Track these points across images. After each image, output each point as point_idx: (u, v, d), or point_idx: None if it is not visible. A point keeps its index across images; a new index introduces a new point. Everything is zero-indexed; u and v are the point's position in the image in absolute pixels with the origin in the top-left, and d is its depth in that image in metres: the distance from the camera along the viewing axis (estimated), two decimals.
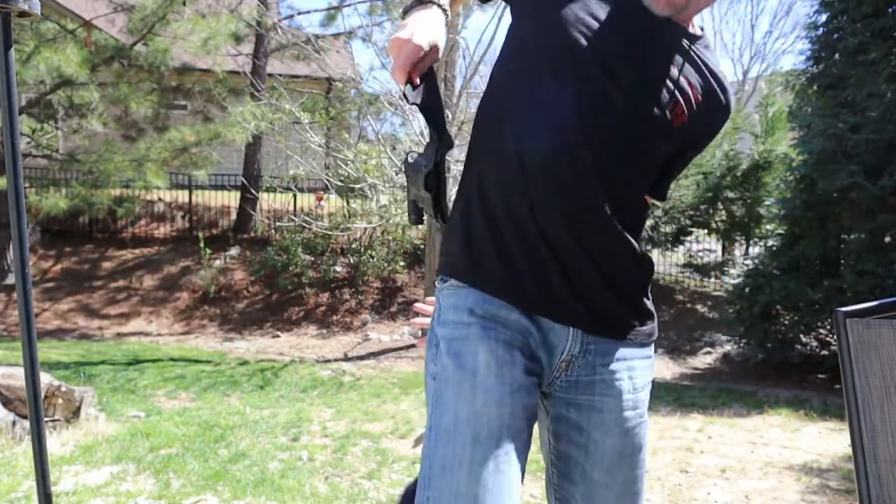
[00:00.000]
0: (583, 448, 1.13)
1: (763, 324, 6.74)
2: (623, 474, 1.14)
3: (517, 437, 1.02)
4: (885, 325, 1.17)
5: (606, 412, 1.13)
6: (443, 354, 1.08)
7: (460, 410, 1.01)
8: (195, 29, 8.83)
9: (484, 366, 1.03)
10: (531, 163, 1.07)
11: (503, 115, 1.12)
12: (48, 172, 10.16)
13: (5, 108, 1.29)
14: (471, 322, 1.08)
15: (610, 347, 1.14)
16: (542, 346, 1.10)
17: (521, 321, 1.08)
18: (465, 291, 1.11)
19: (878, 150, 5.85)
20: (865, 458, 1.13)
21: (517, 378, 1.04)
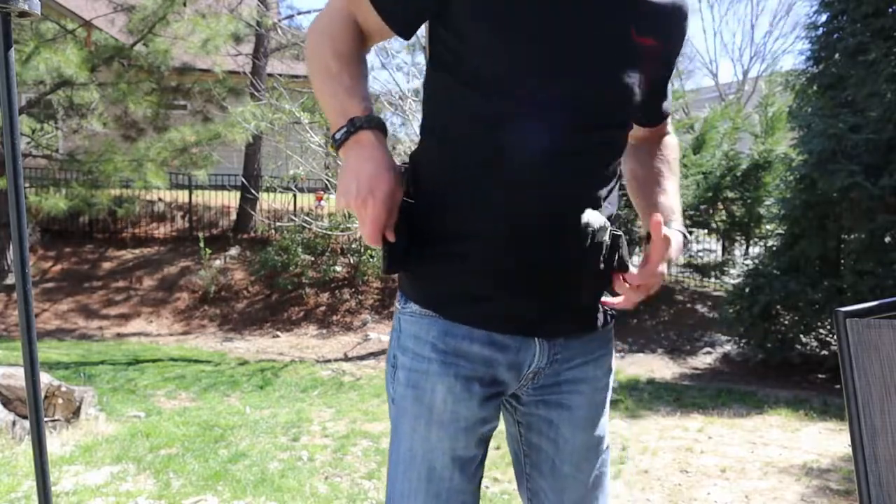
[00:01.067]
0: (553, 442, 1.14)
1: (763, 324, 6.74)
2: (590, 466, 1.16)
3: (469, 466, 1.09)
4: (885, 325, 1.17)
5: (575, 409, 1.14)
6: (401, 383, 1.10)
7: (416, 443, 1.07)
8: (195, 29, 8.83)
9: (441, 402, 1.06)
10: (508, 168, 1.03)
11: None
12: (48, 172, 10.17)
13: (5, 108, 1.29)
14: (431, 358, 1.07)
15: (576, 347, 1.13)
16: (509, 368, 1.09)
17: (483, 352, 1.07)
18: (428, 322, 1.08)
19: (878, 150, 5.85)
20: (865, 459, 1.13)
21: (473, 412, 1.07)
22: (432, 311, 1.08)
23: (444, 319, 1.07)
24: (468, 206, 1.04)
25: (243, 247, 11.10)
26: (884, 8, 5.98)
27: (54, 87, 8.86)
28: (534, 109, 1.01)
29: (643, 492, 3.16)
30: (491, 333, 1.07)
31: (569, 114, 1.02)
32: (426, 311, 1.09)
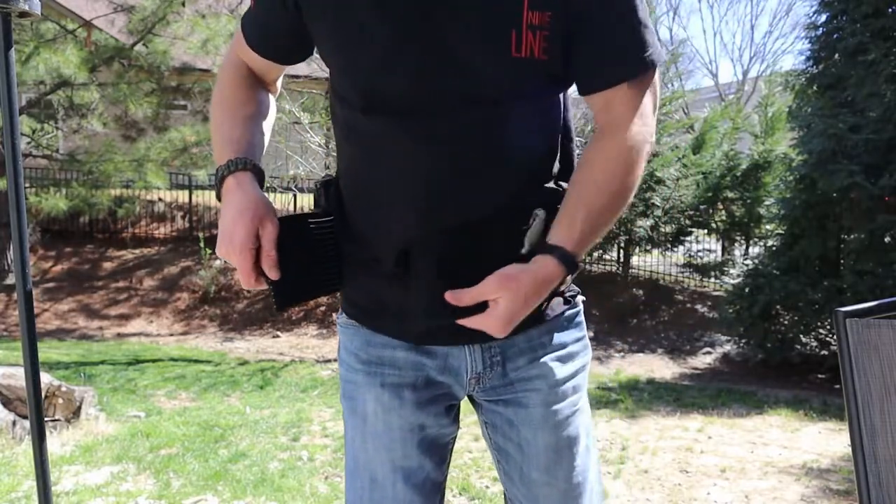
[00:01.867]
0: (517, 446, 1.08)
1: (763, 324, 6.74)
2: (563, 470, 1.07)
3: (416, 475, 1.04)
4: (885, 325, 1.17)
5: (532, 407, 1.05)
6: (341, 394, 1.11)
7: (357, 454, 1.07)
8: (195, 29, 8.83)
9: (372, 413, 1.05)
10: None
11: (346, 134, 1.02)
12: (48, 172, 10.18)
13: (5, 108, 1.30)
14: (358, 369, 1.06)
15: (521, 343, 1.05)
16: (443, 371, 1.05)
17: (409, 357, 1.03)
18: (352, 332, 1.08)
19: (878, 150, 5.85)
20: (865, 458, 1.13)
21: (406, 420, 1.04)
22: (353, 320, 1.08)
23: (365, 329, 1.06)
24: (366, 216, 1.02)
25: None
26: (884, 8, 5.99)
27: (54, 87, 8.86)
28: (373, 109, 0.94)
29: (643, 492, 3.17)
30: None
31: (411, 107, 0.92)
32: (350, 321, 1.08)
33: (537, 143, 1.00)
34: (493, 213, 0.97)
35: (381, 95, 0.93)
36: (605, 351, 7.97)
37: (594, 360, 7.70)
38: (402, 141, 0.94)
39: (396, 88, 0.92)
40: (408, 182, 0.95)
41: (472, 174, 0.95)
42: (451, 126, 0.93)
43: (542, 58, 0.89)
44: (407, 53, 0.90)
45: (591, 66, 0.93)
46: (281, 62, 1.09)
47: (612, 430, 4.18)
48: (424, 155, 0.93)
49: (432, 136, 0.93)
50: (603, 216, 0.95)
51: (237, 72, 1.10)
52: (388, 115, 0.93)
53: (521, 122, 0.96)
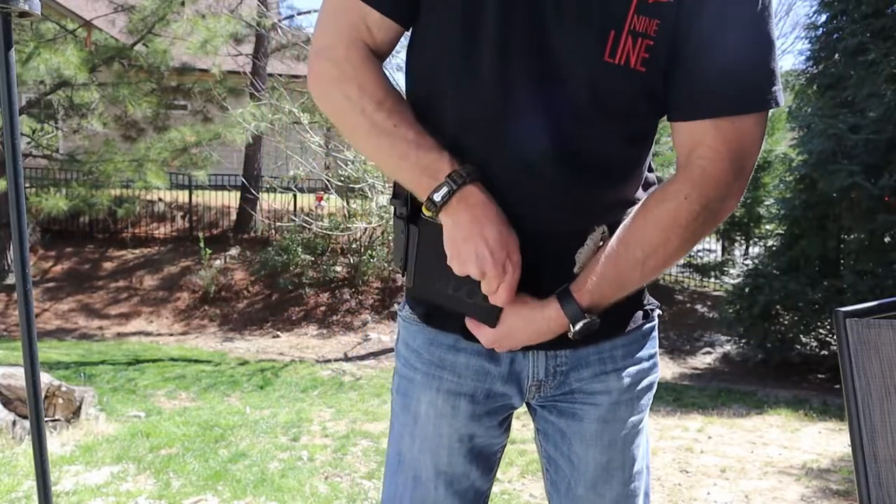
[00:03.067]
0: (567, 459, 1.04)
1: (763, 324, 6.74)
2: (613, 491, 1.03)
3: (459, 482, 1.03)
4: (885, 325, 1.17)
5: (587, 421, 1.02)
6: (394, 388, 1.08)
7: (403, 450, 1.05)
8: (195, 29, 8.83)
9: (423, 415, 1.02)
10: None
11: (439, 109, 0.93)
12: (48, 172, 10.17)
13: (5, 108, 1.29)
14: (417, 367, 1.03)
15: (589, 355, 1.01)
16: (506, 379, 1.00)
17: (471, 362, 0.99)
18: (416, 329, 1.03)
19: (878, 150, 5.86)
20: (865, 458, 1.13)
21: (456, 430, 1.01)
22: (417, 316, 1.03)
23: (430, 327, 1.01)
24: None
25: (243, 247, 11.10)
26: (883, 8, 5.99)
27: (54, 88, 8.86)
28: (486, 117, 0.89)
29: None
30: (478, 343, 0.97)
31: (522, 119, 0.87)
32: (413, 316, 1.04)
33: (619, 166, 0.94)
34: (568, 223, 0.92)
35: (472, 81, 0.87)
36: None
37: None
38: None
39: (486, 75, 0.86)
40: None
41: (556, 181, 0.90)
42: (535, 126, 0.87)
43: (639, 69, 0.82)
44: (506, 40, 0.84)
45: (689, 90, 0.84)
46: (403, 21, 0.93)
47: None
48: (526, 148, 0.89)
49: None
50: (635, 280, 0.92)
51: (368, 60, 0.92)
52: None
53: (608, 136, 0.89)
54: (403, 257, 0.97)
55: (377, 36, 0.92)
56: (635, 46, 0.81)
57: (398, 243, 0.99)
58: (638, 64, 0.82)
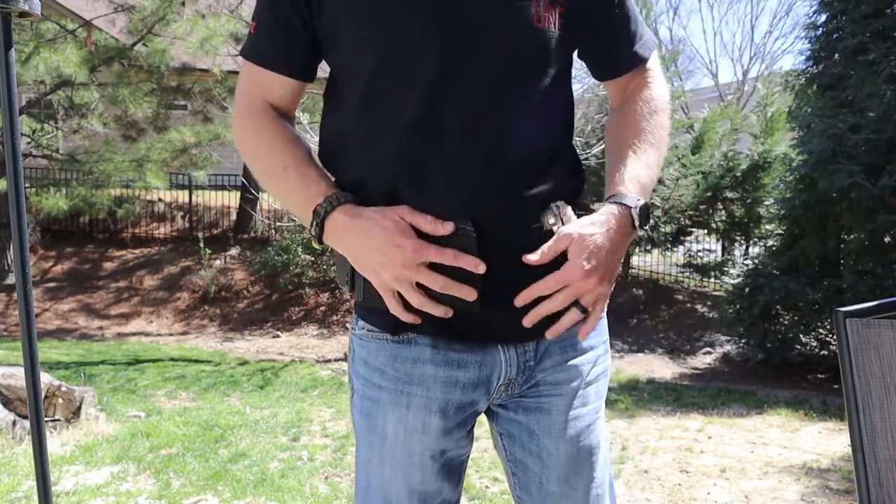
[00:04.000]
0: (536, 457, 1.04)
1: (763, 324, 6.74)
2: (583, 480, 1.04)
3: (430, 499, 1.01)
4: (885, 325, 1.17)
5: (554, 413, 1.02)
6: (356, 409, 1.04)
7: (371, 475, 1.02)
8: (195, 29, 8.83)
9: (392, 435, 0.99)
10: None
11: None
12: (48, 172, 10.17)
13: (5, 108, 1.30)
14: (382, 385, 0.99)
15: (551, 345, 1.01)
16: (474, 386, 0.99)
17: (438, 373, 0.97)
18: (376, 346, 1.00)
19: (878, 150, 5.85)
20: (865, 458, 1.13)
21: (428, 445, 0.99)
22: (380, 328, 0.99)
23: (391, 343, 0.98)
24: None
25: (243, 247, 11.10)
26: (883, 8, 5.99)
27: (54, 87, 8.86)
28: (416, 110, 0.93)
29: (643, 492, 3.17)
30: (446, 351, 0.97)
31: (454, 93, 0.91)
32: (375, 333, 1.00)
33: (558, 125, 1.02)
34: (524, 194, 0.95)
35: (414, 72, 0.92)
36: None
37: None
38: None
39: (427, 65, 0.91)
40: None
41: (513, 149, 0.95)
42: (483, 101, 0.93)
43: (558, 32, 0.95)
44: (433, 35, 0.91)
45: (612, 52, 1.06)
46: (303, 77, 1.02)
47: (611, 430, 4.18)
48: (478, 119, 0.93)
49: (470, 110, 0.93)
50: (649, 148, 1.01)
51: (262, 113, 1.03)
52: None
53: (543, 97, 0.97)
54: (350, 272, 0.96)
55: (276, 91, 1.03)
56: (552, 14, 0.95)
57: (342, 260, 0.97)
58: (557, 28, 0.95)
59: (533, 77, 0.95)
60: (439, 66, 0.90)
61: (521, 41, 0.93)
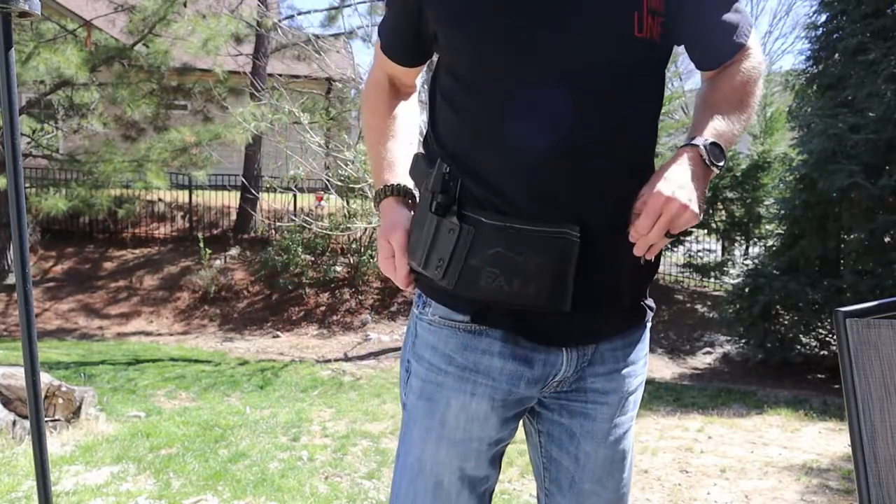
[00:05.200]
0: (573, 458, 1.08)
1: (763, 324, 6.74)
2: (614, 480, 1.10)
3: (479, 485, 1.06)
4: (885, 325, 1.17)
5: (599, 421, 1.07)
6: (414, 392, 1.07)
7: (426, 455, 1.04)
8: (195, 29, 8.83)
9: (454, 419, 1.03)
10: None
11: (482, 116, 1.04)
12: (48, 172, 10.17)
13: (5, 108, 1.30)
14: (448, 371, 1.03)
15: (606, 352, 1.07)
16: (537, 381, 1.04)
17: (506, 366, 1.02)
18: (447, 333, 1.03)
19: (878, 150, 5.86)
20: (865, 458, 1.13)
21: (487, 433, 1.04)
22: (460, 317, 1.03)
23: (463, 332, 1.02)
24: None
25: (243, 247, 11.10)
26: (883, 8, 5.99)
27: (54, 88, 8.86)
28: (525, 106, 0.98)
29: (643, 492, 3.17)
30: (514, 347, 1.01)
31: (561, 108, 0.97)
32: (446, 320, 1.04)
33: (649, 133, 1.07)
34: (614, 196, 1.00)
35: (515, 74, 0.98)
36: None
37: None
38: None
39: (528, 66, 0.97)
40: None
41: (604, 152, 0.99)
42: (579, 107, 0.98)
43: (658, 41, 0.98)
44: (538, 38, 0.96)
45: (709, 45, 1.04)
46: (414, 64, 1.17)
47: None
48: (585, 127, 0.98)
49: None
50: (735, 107, 1.01)
51: (378, 91, 1.20)
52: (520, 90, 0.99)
53: (642, 105, 1.03)
54: (448, 257, 0.98)
55: (394, 71, 1.19)
56: (654, 22, 0.97)
57: (440, 241, 0.99)
58: (657, 37, 0.98)
59: (634, 86, 0.99)
60: (533, 79, 0.96)
61: (623, 51, 0.97)
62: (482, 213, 0.97)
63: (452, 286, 0.99)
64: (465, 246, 0.97)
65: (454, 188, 0.99)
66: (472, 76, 1.01)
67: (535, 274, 0.95)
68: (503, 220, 0.96)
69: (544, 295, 0.95)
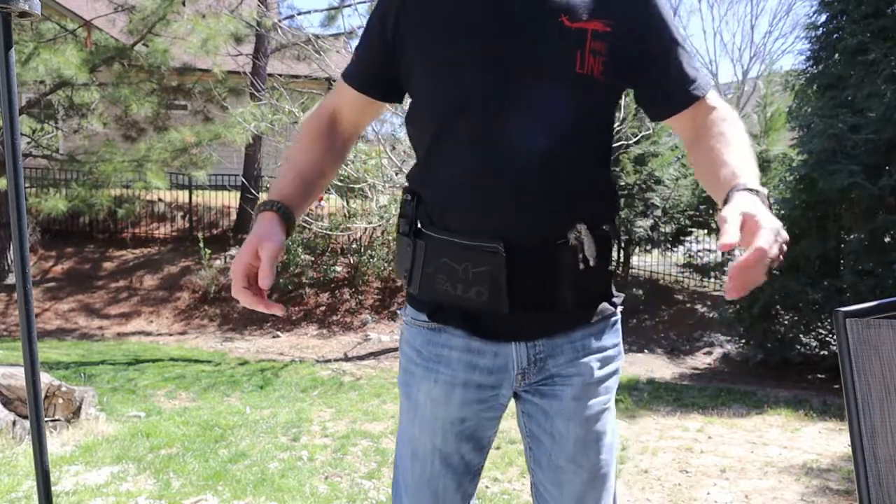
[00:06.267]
0: (549, 434, 1.21)
1: (763, 324, 6.74)
2: (589, 461, 1.21)
3: (451, 458, 1.23)
4: (885, 325, 1.17)
5: (565, 400, 1.19)
6: (399, 379, 1.28)
7: (405, 430, 1.26)
8: (195, 29, 8.83)
9: (423, 403, 1.22)
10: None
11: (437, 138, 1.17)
12: (48, 173, 10.17)
13: (5, 108, 1.30)
14: (417, 363, 1.22)
15: (563, 344, 1.19)
16: (491, 371, 1.19)
17: (462, 357, 1.18)
18: (416, 330, 1.23)
19: (878, 150, 5.85)
20: (865, 458, 1.13)
21: (450, 413, 1.20)
22: (416, 315, 1.22)
23: (427, 329, 1.21)
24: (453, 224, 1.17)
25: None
26: (883, 8, 5.99)
27: (54, 88, 8.86)
28: (475, 135, 1.12)
29: (643, 492, 3.17)
30: (468, 341, 1.18)
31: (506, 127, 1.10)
32: (415, 320, 1.23)
33: (591, 161, 1.18)
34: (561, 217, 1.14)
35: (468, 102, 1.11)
36: None
37: None
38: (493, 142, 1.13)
39: (477, 99, 1.11)
40: (503, 179, 1.12)
41: (552, 170, 1.12)
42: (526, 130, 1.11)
43: (599, 78, 1.10)
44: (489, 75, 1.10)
45: (667, 88, 1.16)
46: (380, 96, 1.24)
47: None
48: (516, 154, 1.12)
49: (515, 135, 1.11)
50: (742, 150, 1.08)
51: (317, 124, 1.28)
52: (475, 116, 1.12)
53: (580, 138, 1.14)
54: (410, 268, 1.20)
55: (348, 111, 1.27)
56: (595, 61, 1.09)
57: (403, 255, 1.21)
58: (598, 75, 1.10)
59: (573, 120, 1.12)
60: (482, 110, 1.10)
61: (564, 87, 1.09)
62: (433, 229, 1.16)
63: (417, 291, 1.20)
64: (420, 257, 1.17)
65: (412, 213, 1.19)
66: (422, 113, 1.18)
67: (473, 281, 1.13)
68: (448, 236, 1.14)
69: (484, 299, 1.13)
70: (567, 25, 1.08)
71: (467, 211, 1.14)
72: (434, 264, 1.15)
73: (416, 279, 1.19)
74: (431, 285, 1.17)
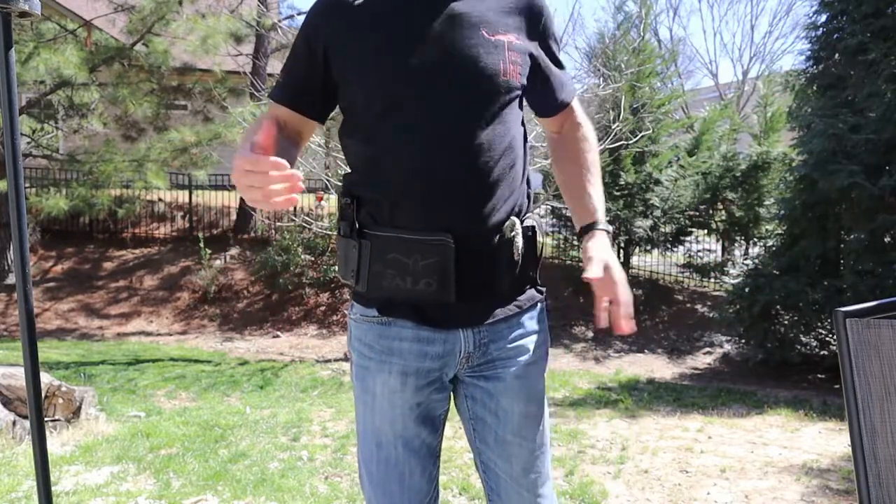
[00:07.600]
0: (493, 413, 1.32)
1: (763, 324, 6.74)
2: (533, 433, 1.33)
3: (411, 441, 1.30)
4: (885, 325, 1.17)
5: (509, 380, 1.31)
6: (353, 376, 1.35)
7: (366, 423, 1.33)
8: (195, 29, 8.83)
9: (380, 394, 1.29)
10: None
11: (370, 138, 1.25)
12: (48, 173, 10.16)
13: (5, 108, 1.30)
14: (371, 357, 1.30)
15: (502, 329, 1.30)
16: (439, 357, 1.28)
17: (412, 347, 1.27)
18: (366, 327, 1.30)
19: (878, 150, 5.85)
20: (865, 458, 1.13)
21: (407, 400, 1.29)
22: (366, 313, 1.29)
23: (377, 324, 1.28)
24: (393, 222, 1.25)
25: (243, 247, 11.10)
26: (884, 8, 5.99)
27: (54, 88, 8.86)
28: (399, 134, 1.21)
29: (643, 492, 3.17)
30: (418, 331, 1.26)
31: (429, 128, 1.20)
32: (365, 316, 1.30)
33: (516, 156, 1.29)
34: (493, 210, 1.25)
35: (400, 108, 1.21)
36: (605, 351, 7.97)
37: (594, 360, 7.70)
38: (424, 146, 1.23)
39: (412, 105, 1.20)
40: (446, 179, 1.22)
41: (482, 173, 1.24)
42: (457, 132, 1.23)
43: (518, 82, 1.26)
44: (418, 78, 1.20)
45: (552, 94, 1.38)
46: (308, 114, 1.31)
47: (612, 430, 4.18)
48: (456, 154, 1.23)
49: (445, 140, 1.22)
50: (597, 179, 1.37)
51: (266, 119, 1.28)
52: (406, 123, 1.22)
53: (505, 136, 1.26)
54: (356, 267, 1.26)
55: (281, 117, 1.31)
56: (515, 69, 1.25)
57: (349, 256, 1.27)
58: (518, 79, 1.26)
59: (499, 119, 1.24)
60: (418, 115, 1.20)
61: (493, 92, 1.23)
62: (378, 228, 1.23)
63: (365, 289, 1.26)
64: (367, 256, 1.24)
65: (352, 215, 1.26)
66: (359, 125, 1.25)
67: (423, 273, 1.21)
68: (396, 232, 1.22)
69: (433, 289, 1.22)
70: (488, 37, 1.22)
71: (415, 209, 1.22)
72: (382, 261, 1.23)
73: (364, 277, 1.25)
74: (380, 281, 1.24)
